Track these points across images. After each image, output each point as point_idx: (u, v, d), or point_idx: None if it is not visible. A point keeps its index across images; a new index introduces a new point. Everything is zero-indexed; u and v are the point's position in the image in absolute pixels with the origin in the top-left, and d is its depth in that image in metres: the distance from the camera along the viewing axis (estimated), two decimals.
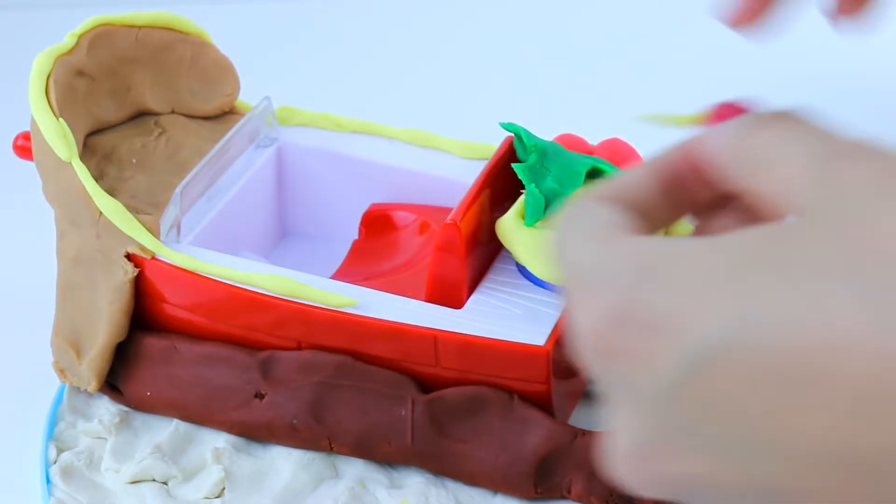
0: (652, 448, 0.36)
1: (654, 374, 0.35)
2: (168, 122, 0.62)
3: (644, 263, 0.36)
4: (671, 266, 0.36)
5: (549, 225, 0.55)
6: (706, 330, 0.35)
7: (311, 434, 0.55)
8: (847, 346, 0.33)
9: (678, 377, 0.35)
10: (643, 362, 0.36)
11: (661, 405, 0.36)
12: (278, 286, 0.55)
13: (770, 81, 0.84)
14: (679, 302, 0.35)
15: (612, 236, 0.37)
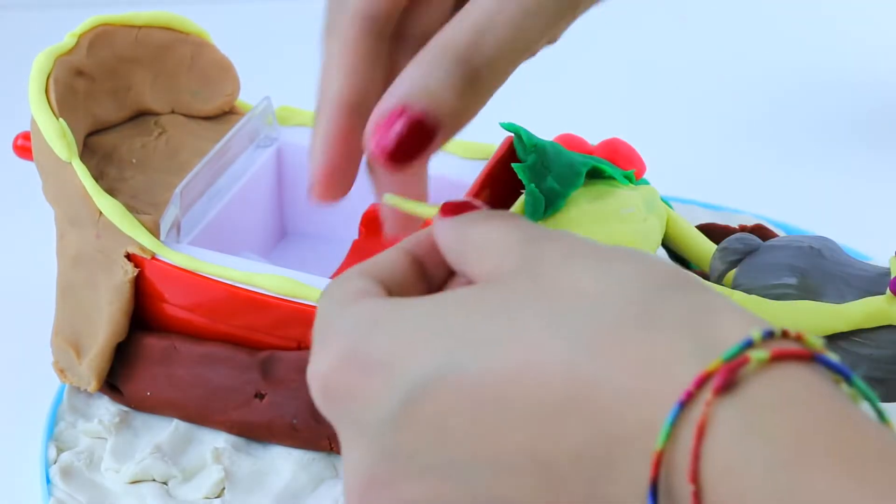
0: (382, 477, 0.39)
1: (376, 407, 0.39)
2: (168, 122, 0.62)
3: (371, 317, 0.40)
4: (394, 318, 0.40)
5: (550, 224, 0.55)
6: (420, 365, 0.39)
7: (311, 434, 0.55)
8: (542, 365, 0.37)
9: (396, 408, 0.39)
10: (366, 398, 0.39)
11: (385, 435, 0.39)
12: (278, 286, 0.55)
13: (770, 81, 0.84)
14: (398, 345, 0.40)
15: (353, 300, 0.41)
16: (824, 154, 0.77)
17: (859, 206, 0.73)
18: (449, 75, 0.44)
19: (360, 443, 0.40)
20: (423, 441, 0.39)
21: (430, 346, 0.39)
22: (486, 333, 0.39)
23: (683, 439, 0.35)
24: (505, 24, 0.44)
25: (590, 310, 0.38)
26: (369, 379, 0.40)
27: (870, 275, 0.53)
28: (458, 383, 0.38)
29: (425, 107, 0.44)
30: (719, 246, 0.55)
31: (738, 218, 0.69)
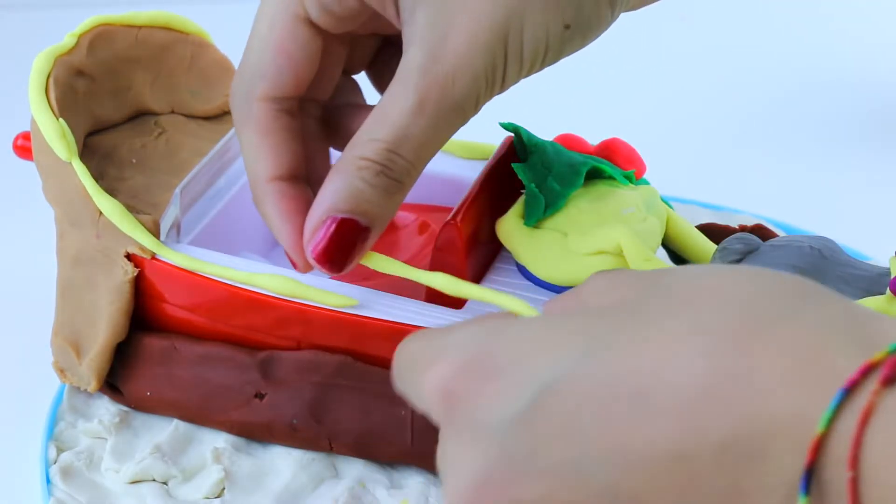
0: (497, 478, 0.39)
1: (500, 408, 0.40)
2: (168, 122, 0.62)
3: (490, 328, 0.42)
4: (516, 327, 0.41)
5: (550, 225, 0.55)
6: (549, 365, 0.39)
7: (311, 434, 0.55)
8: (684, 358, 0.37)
9: (522, 408, 0.39)
10: (490, 399, 0.40)
11: (508, 435, 0.39)
12: (278, 286, 0.55)
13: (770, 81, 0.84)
14: (524, 348, 0.40)
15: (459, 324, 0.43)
16: (824, 154, 0.77)
17: (859, 206, 0.73)
18: (372, 186, 0.47)
19: (477, 444, 0.40)
20: (547, 440, 0.39)
21: (561, 347, 0.40)
22: (621, 333, 0.39)
23: (843, 426, 0.35)
24: (419, 135, 0.47)
25: (732, 308, 0.38)
26: (494, 381, 0.40)
27: (870, 275, 0.53)
28: (591, 380, 0.38)
29: (354, 213, 0.48)
30: (719, 246, 0.55)
31: (738, 218, 0.69)
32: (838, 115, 0.81)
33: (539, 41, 0.47)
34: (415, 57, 0.47)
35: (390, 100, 0.47)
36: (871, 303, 0.51)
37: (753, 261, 0.54)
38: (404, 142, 0.47)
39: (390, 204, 0.48)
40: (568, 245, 0.54)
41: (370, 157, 0.47)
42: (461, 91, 0.47)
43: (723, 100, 0.82)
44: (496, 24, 0.46)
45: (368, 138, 0.47)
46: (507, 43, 0.47)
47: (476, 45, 0.46)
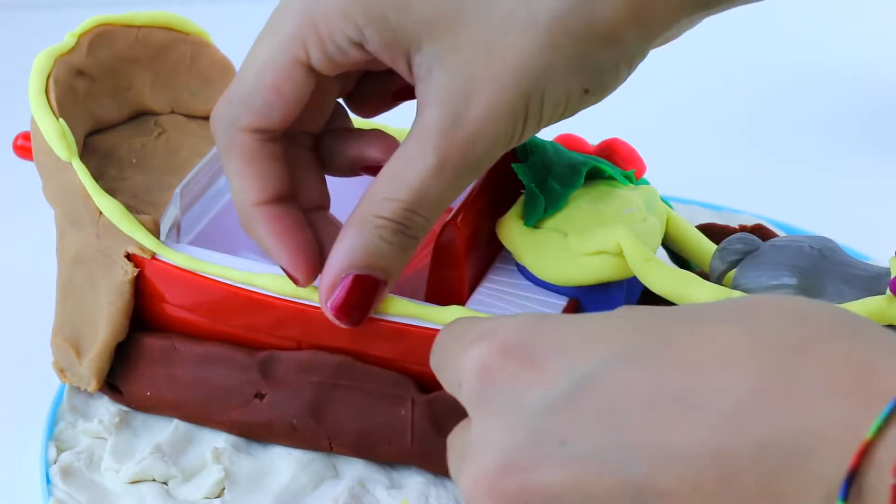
0: (522, 461, 0.40)
1: (538, 393, 0.40)
2: (168, 122, 0.62)
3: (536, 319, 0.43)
4: (563, 319, 0.43)
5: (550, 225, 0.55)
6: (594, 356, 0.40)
7: (310, 434, 0.55)
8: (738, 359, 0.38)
9: (560, 395, 0.40)
10: (529, 384, 0.41)
11: (541, 421, 0.40)
12: (278, 286, 0.55)
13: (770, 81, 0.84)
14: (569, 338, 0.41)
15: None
16: (824, 154, 0.77)
17: (859, 206, 0.73)
18: (389, 244, 0.49)
19: (506, 426, 0.41)
20: (580, 428, 0.39)
21: (608, 340, 0.41)
22: (672, 334, 0.40)
23: (891, 434, 0.36)
24: (437, 194, 0.48)
25: (787, 321, 0.39)
26: (534, 367, 0.41)
27: (870, 275, 0.53)
28: (637, 374, 0.39)
29: (371, 270, 0.49)
30: (719, 246, 0.55)
31: (738, 218, 0.69)
32: (838, 116, 0.81)
33: (559, 104, 0.48)
34: (435, 118, 0.47)
35: (408, 159, 0.48)
36: (871, 303, 0.52)
37: (753, 261, 0.54)
38: (423, 201, 0.48)
39: (405, 258, 0.50)
40: (568, 245, 0.54)
41: (388, 217, 0.48)
42: (481, 152, 0.48)
43: (723, 100, 0.82)
44: (520, 91, 0.47)
45: (385, 197, 0.48)
46: (528, 108, 0.48)
47: (499, 111, 0.47)
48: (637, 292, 0.57)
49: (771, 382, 0.38)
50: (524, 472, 0.40)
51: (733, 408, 0.38)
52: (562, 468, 0.39)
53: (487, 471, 0.40)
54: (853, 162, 0.76)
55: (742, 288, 0.53)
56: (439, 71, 0.47)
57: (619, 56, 0.48)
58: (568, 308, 0.55)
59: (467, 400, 0.43)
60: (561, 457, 0.39)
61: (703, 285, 0.53)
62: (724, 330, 0.39)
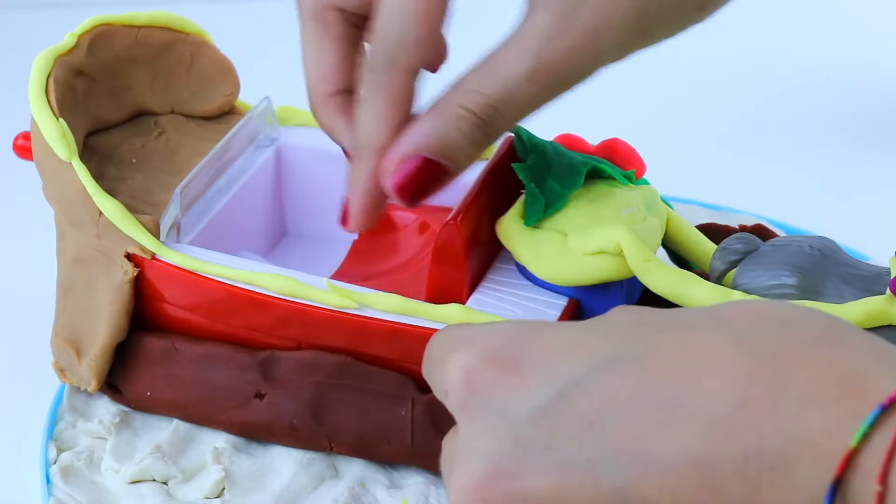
0: (508, 468, 0.40)
1: (524, 400, 0.40)
2: (168, 122, 0.62)
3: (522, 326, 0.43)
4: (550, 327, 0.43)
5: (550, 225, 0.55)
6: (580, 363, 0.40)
7: (311, 434, 0.55)
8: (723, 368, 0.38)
9: (546, 402, 0.40)
10: (515, 390, 0.41)
11: (526, 427, 0.40)
12: (278, 286, 0.55)
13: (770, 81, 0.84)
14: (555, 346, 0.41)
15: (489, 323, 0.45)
16: (824, 154, 0.77)
17: (859, 206, 0.73)
18: (466, 137, 0.47)
19: (491, 434, 0.40)
20: (565, 435, 0.39)
21: (593, 348, 0.40)
22: (657, 342, 0.40)
23: (876, 442, 0.36)
24: (525, 99, 0.46)
25: (771, 328, 0.39)
26: (518, 374, 0.41)
27: (870, 275, 0.53)
28: (621, 382, 0.39)
29: (442, 157, 0.47)
30: (719, 246, 0.55)
31: (738, 218, 0.69)
32: (838, 116, 0.80)
33: (670, 22, 0.46)
34: (542, 21, 0.45)
35: (505, 56, 0.46)
36: (871, 303, 0.52)
37: (753, 261, 0.54)
38: (509, 102, 0.46)
39: (477, 153, 0.48)
40: (568, 245, 0.54)
41: (472, 109, 0.46)
42: (579, 68, 0.46)
43: (723, 100, 0.82)
44: (634, 6, 0.45)
45: (474, 89, 0.46)
46: (639, 24, 0.46)
47: (608, 28, 0.45)
48: (637, 292, 0.57)
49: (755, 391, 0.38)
50: (509, 479, 0.40)
51: (718, 416, 0.38)
52: (546, 475, 0.39)
53: (473, 479, 0.40)
54: (853, 162, 0.76)
55: (742, 288, 0.53)
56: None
57: None
58: (568, 308, 0.55)
59: (453, 407, 0.43)
60: (545, 463, 0.39)
61: (703, 285, 0.53)
62: (708, 337, 0.39)
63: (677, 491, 0.38)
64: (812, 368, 0.38)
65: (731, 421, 0.37)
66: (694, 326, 0.40)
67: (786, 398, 0.37)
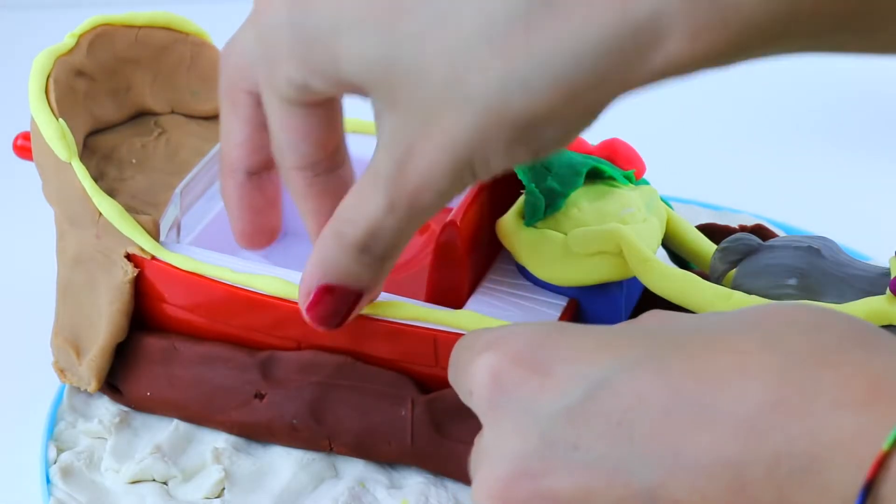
0: (535, 467, 0.40)
1: (552, 399, 0.40)
2: (168, 122, 0.63)
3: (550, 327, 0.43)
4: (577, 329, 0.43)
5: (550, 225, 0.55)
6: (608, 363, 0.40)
7: (310, 434, 0.55)
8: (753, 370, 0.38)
9: (574, 402, 0.40)
10: (542, 390, 0.41)
11: (554, 427, 0.40)
12: (278, 286, 0.55)
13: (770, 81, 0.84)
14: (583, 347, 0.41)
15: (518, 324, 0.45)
16: (824, 154, 0.77)
17: (859, 206, 0.73)
18: (357, 262, 0.48)
19: (517, 433, 0.40)
20: (593, 435, 0.39)
21: (622, 349, 0.40)
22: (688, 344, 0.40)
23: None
24: (393, 228, 0.47)
25: (803, 331, 0.39)
26: (545, 374, 0.41)
27: (870, 275, 0.53)
28: (651, 382, 0.39)
29: (343, 283, 0.48)
30: (719, 246, 0.55)
31: (738, 218, 0.69)
32: (838, 115, 0.80)
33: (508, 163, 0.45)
34: (383, 164, 0.46)
35: (364, 192, 0.47)
36: (871, 303, 0.52)
37: (753, 261, 0.54)
38: (380, 232, 0.47)
39: (379, 273, 0.49)
40: (568, 245, 0.54)
41: (350, 239, 0.47)
42: (430, 201, 0.46)
43: (723, 100, 0.82)
44: (460, 159, 0.44)
45: (347, 218, 0.47)
46: (473, 170, 0.45)
47: (440, 173, 0.45)
48: (637, 292, 0.57)
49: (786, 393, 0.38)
50: (535, 478, 0.40)
51: (748, 417, 0.38)
52: (572, 474, 0.39)
53: (498, 478, 0.40)
54: (853, 162, 0.76)
55: (742, 288, 0.53)
56: (385, 120, 0.45)
57: (564, 129, 0.45)
58: (568, 308, 0.55)
59: (478, 408, 0.43)
60: (572, 463, 0.39)
61: (703, 285, 0.53)
62: (738, 339, 0.39)
63: (707, 492, 0.38)
64: (842, 372, 0.37)
65: (761, 422, 0.37)
66: (723, 329, 0.40)
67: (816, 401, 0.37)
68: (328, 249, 0.48)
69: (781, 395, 0.38)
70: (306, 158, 0.49)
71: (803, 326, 0.39)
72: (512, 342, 0.43)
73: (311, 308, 0.49)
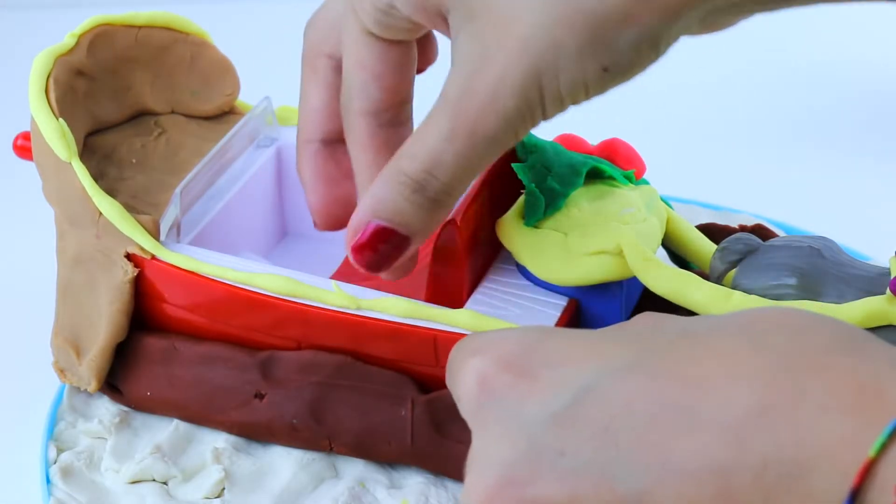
0: (522, 474, 0.40)
1: (538, 405, 0.40)
2: (168, 122, 0.62)
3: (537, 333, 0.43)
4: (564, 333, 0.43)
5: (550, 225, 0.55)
6: (594, 369, 0.40)
7: (310, 434, 0.55)
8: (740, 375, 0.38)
9: (560, 408, 0.40)
10: (528, 396, 0.40)
11: (540, 433, 0.40)
12: (278, 286, 0.55)
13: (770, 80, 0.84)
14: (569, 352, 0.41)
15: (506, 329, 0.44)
16: (824, 154, 0.77)
17: (859, 206, 0.73)
18: (410, 202, 0.47)
19: (506, 439, 0.40)
20: (579, 441, 0.39)
21: (609, 354, 0.40)
22: (674, 348, 0.40)
23: (894, 452, 0.36)
24: (452, 161, 0.46)
25: (789, 336, 0.39)
26: (532, 379, 0.41)
27: (870, 275, 0.53)
28: (638, 387, 0.39)
29: (393, 224, 0.48)
30: (719, 246, 0.55)
31: (738, 218, 0.69)
32: (838, 116, 0.80)
33: (577, 84, 0.46)
34: (452, 83, 0.46)
35: (429, 120, 0.47)
36: (871, 303, 0.52)
37: (753, 261, 0.54)
38: (438, 165, 0.46)
39: (430, 219, 0.48)
40: (568, 245, 0.54)
41: (408, 174, 0.47)
42: (493, 127, 0.46)
43: (723, 100, 0.82)
44: (529, 67, 0.44)
45: (407, 154, 0.47)
46: (541, 86, 0.45)
47: (506, 87, 0.45)
48: (637, 292, 0.57)
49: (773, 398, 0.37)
50: (522, 485, 0.40)
51: (735, 423, 0.37)
52: (559, 481, 0.39)
53: (487, 485, 0.40)
54: (853, 162, 0.76)
55: (742, 288, 0.53)
56: (463, 36, 0.45)
57: (638, 37, 0.45)
58: (568, 308, 0.55)
59: (466, 413, 0.43)
60: (559, 469, 0.39)
61: (703, 285, 0.53)
62: (726, 344, 0.39)
63: (694, 498, 0.38)
64: (829, 377, 0.37)
65: (748, 428, 0.37)
66: (712, 333, 0.40)
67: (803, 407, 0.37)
68: (383, 186, 0.47)
69: (768, 401, 0.37)
70: (375, 103, 0.49)
71: (791, 331, 0.39)
72: (499, 347, 0.42)
73: (356, 248, 0.48)
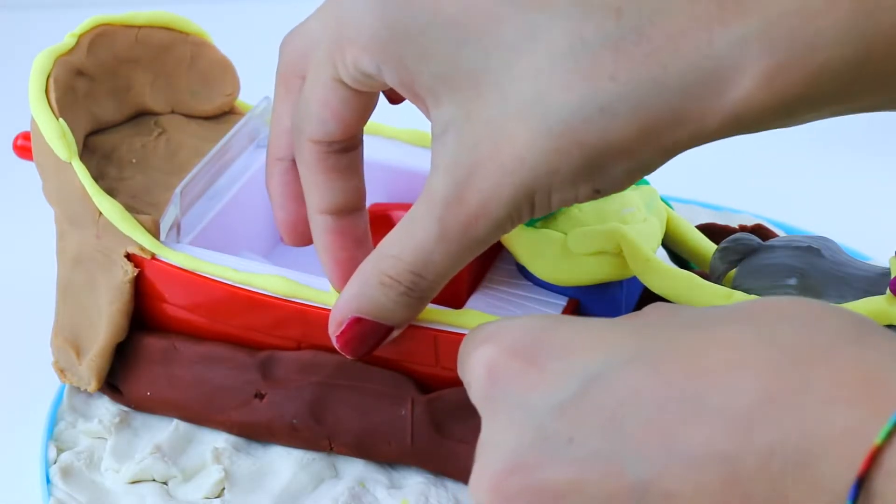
0: (530, 461, 0.40)
1: (546, 393, 0.40)
2: (168, 122, 0.62)
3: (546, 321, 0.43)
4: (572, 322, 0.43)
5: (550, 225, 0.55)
6: (602, 357, 0.40)
7: (311, 434, 0.55)
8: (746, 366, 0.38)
9: (569, 395, 0.40)
10: (537, 384, 0.41)
11: (549, 420, 0.40)
12: (278, 286, 0.55)
13: None
14: (578, 340, 0.41)
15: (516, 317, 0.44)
16: (824, 154, 0.77)
17: (859, 206, 0.73)
18: (394, 302, 0.48)
19: (514, 426, 0.41)
20: (587, 429, 0.39)
21: (617, 343, 0.41)
22: (682, 337, 0.40)
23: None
24: (441, 261, 0.47)
25: (797, 326, 0.39)
26: (539, 367, 0.41)
27: (870, 275, 0.53)
28: (645, 376, 0.39)
29: (377, 318, 0.49)
30: (719, 246, 0.55)
31: (738, 218, 0.69)
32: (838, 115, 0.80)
33: (567, 201, 0.46)
34: (441, 186, 0.46)
35: (415, 222, 0.47)
36: (871, 303, 0.52)
37: (753, 261, 0.54)
38: (427, 266, 0.47)
39: (414, 312, 0.49)
40: (568, 245, 0.54)
41: (394, 277, 0.48)
42: (483, 231, 0.47)
43: None
44: (523, 186, 0.45)
45: (392, 255, 0.48)
46: (533, 202, 0.46)
47: (500, 199, 0.46)
48: (637, 292, 0.57)
49: (779, 387, 0.38)
50: (530, 471, 0.40)
51: (741, 411, 0.38)
52: (567, 468, 0.39)
53: (494, 471, 0.40)
54: (853, 162, 0.76)
55: (742, 288, 0.53)
56: (452, 136, 0.46)
57: (634, 167, 0.46)
58: (568, 308, 0.55)
59: (475, 400, 0.43)
60: (566, 456, 0.39)
61: (703, 285, 0.53)
62: (732, 333, 0.39)
63: (700, 485, 0.38)
64: (836, 366, 0.38)
65: (754, 416, 0.37)
66: (719, 323, 0.40)
67: (809, 395, 0.37)
68: (364, 285, 0.49)
69: (774, 390, 0.38)
70: (328, 136, 0.50)
71: (798, 321, 0.39)
72: (508, 335, 0.43)
73: (340, 337, 0.50)
